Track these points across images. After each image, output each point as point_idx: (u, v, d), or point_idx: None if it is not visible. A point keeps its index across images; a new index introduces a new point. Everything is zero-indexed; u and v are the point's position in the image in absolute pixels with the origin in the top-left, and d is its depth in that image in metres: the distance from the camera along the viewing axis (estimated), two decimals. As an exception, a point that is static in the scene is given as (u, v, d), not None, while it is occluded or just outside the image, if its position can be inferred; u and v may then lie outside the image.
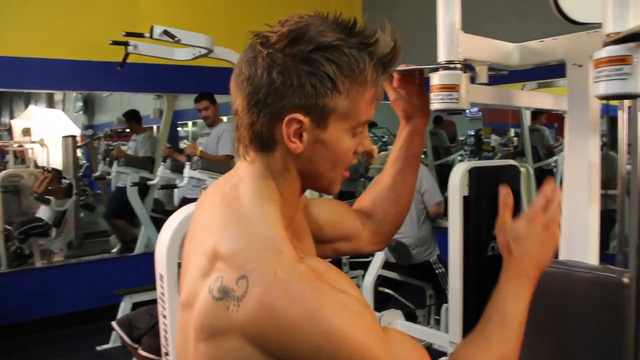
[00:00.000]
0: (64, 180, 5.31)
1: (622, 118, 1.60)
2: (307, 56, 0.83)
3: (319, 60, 0.83)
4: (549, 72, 1.31)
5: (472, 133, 7.13)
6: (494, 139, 6.71)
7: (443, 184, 2.68)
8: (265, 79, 0.84)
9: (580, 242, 1.33)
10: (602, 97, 1.03)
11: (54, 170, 5.36)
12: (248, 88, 0.86)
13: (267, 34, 0.87)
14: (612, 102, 1.58)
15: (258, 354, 0.80)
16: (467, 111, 6.92)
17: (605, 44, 1.00)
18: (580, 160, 1.29)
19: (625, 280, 1.21)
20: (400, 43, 0.89)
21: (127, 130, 5.79)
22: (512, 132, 6.40)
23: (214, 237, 0.86)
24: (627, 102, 1.78)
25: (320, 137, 0.88)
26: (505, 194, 1.11)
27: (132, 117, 5.55)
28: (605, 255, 1.86)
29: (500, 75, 1.40)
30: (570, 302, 1.28)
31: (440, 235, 3.71)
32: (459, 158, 6.39)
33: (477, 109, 6.72)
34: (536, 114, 5.43)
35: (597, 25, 1.09)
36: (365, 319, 0.81)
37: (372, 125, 6.75)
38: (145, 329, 2.73)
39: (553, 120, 5.43)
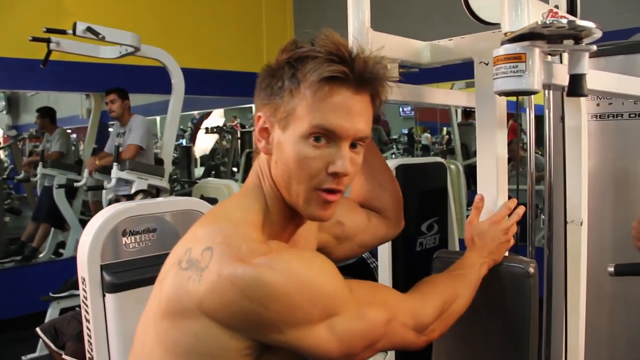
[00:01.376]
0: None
1: (529, 116, 1.67)
2: (278, 64, 0.93)
3: (284, 66, 0.92)
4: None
5: (406, 132, 7.27)
6: (425, 137, 6.87)
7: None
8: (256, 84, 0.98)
9: (490, 234, 1.37)
10: (499, 93, 1.07)
11: None
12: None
13: None
14: (512, 98, 1.65)
15: (216, 328, 0.81)
16: (401, 110, 7.09)
17: (503, 43, 1.04)
18: (488, 155, 1.34)
19: (531, 270, 1.26)
20: (373, 61, 0.93)
21: (38, 130, 5.52)
22: (444, 130, 6.57)
23: (196, 226, 0.93)
24: (538, 100, 1.86)
25: (281, 139, 0.92)
26: (479, 199, 1.30)
27: (47, 114, 5.29)
28: (521, 247, 1.94)
29: (412, 73, 1.43)
30: (480, 291, 1.32)
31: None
32: (392, 157, 6.50)
33: (410, 108, 6.86)
34: (468, 111, 5.59)
35: (502, 25, 1.13)
36: (329, 270, 0.87)
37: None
38: (72, 335, 2.65)
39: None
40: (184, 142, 7.90)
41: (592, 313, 1.68)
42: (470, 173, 5.55)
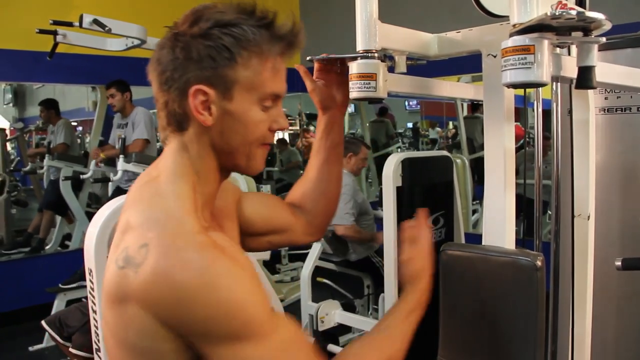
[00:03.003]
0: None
1: (537, 109, 1.66)
2: (206, 32, 0.89)
3: (217, 34, 0.89)
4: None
5: (411, 126, 7.26)
6: (436, 132, 6.86)
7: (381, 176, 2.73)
8: (170, 56, 0.91)
9: (497, 227, 1.37)
10: (508, 85, 1.06)
11: None
12: (157, 68, 0.93)
13: (176, 20, 0.94)
14: (519, 91, 1.64)
15: (154, 323, 0.81)
16: (406, 104, 7.07)
17: (511, 34, 1.03)
18: (496, 148, 1.33)
19: (539, 263, 1.26)
20: (297, 22, 0.95)
21: (42, 122, 5.52)
22: (450, 124, 6.55)
23: (128, 212, 0.91)
24: (546, 94, 1.85)
25: (228, 109, 0.92)
26: (409, 235, 1.22)
27: (52, 106, 5.31)
28: (530, 242, 1.94)
29: (419, 65, 1.42)
30: (487, 285, 1.32)
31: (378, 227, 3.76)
32: (398, 150, 6.49)
33: (416, 102, 6.84)
34: (475, 105, 5.58)
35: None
36: (257, 296, 0.84)
37: (313, 118, 6.81)
38: (77, 327, 2.66)
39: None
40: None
41: (599, 307, 1.67)
42: (476, 167, 5.54)
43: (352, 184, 3.89)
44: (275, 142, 7.39)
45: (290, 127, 7.25)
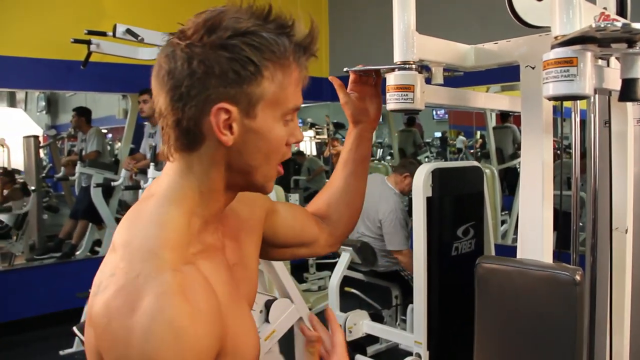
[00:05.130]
0: (18, 180, 5.20)
1: (574, 120, 1.63)
2: (226, 43, 0.80)
3: (239, 45, 0.80)
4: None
5: (439, 135, 7.22)
6: (460, 141, 6.80)
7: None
8: (187, 71, 0.80)
9: (534, 241, 1.35)
10: (550, 98, 1.05)
11: (5, 171, 5.25)
12: (170, 82, 0.82)
13: (182, 28, 0.84)
14: (567, 104, 1.62)
15: (98, 354, 0.78)
16: (434, 113, 7.04)
17: (553, 47, 1.02)
18: (534, 160, 1.32)
19: (578, 277, 1.24)
20: (316, 25, 0.87)
21: (73, 129, 5.62)
22: (478, 134, 6.50)
23: (118, 229, 0.85)
24: (582, 105, 1.82)
25: (251, 127, 0.84)
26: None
27: (83, 114, 5.40)
28: (564, 254, 1.90)
29: (456, 77, 1.41)
30: (525, 299, 1.31)
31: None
32: (426, 160, 6.46)
33: (444, 112, 6.80)
34: (505, 115, 5.52)
35: (549, 29, 1.12)
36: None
37: (340, 127, 6.82)
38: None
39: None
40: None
41: (638, 323, 1.64)
42: (505, 177, 5.47)
43: (403, 206, 3.84)
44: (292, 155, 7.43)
45: (318, 136, 7.26)
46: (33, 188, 5.23)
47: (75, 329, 2.83)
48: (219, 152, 0.85)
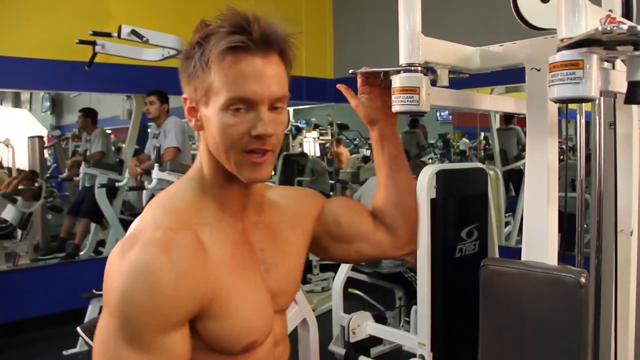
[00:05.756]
0: (36, 183, 5.22)
1: (579, 122, 1.63)
2: (191, 46, 0.98)
3: (196, 46, 0.97)
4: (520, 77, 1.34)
5: (441, 135, 7.21)
6: (463, 143, 6.80)
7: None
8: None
9: (539, 243, 1.35)
10: (556, 100, 1.05)
11: (30, 171, 5.27)
12: None
13: None
14: (571, 106, 1.62)
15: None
16: (438, 115, 7.03)
17: (559, 49, 1.02)
18: (539, 163, 1.31)
19: (583, 280, 1.24)
20: (253, 20, 0.94)
21: (78, 129, 5.65)
22: (481, 135, 6.49)
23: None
24: (586, 106, 1.81)
25: (206, 114, 0.98)
26: None
27: (89, 115, 5.44)
28: (569, 256, 1.90)
29: (462, 78, 1.41)
30: (530, 301, 1.30)
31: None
32: (430, 161, 6.46)
33: (448, 113, 6.80)
34: (509, 116, 5.51)
35: (555, 31, 1.12)
36: (161, 304, 0.87)
37: (344, 128, 6.82)
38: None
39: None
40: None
41: (642, 326, 1.63)
42: (509, 179, 5.47)
43: None
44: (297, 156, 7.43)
45: (322, 137, 7.26)
46: (45, 195, 5.25)
47: (79, 329, 2.83)
48: (202, 138, 1.02)
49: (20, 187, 5.08)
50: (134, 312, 0.86)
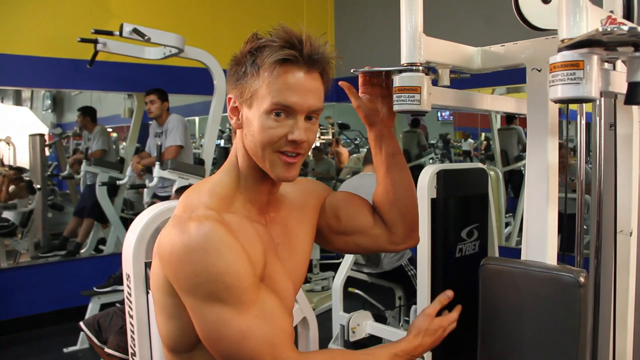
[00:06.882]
0: (24, 177, 5.21)
1: (580, 123, 1.64)
2: (243, 54, 1.09)
3: (248, 55, 1.07)
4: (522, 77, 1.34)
5: (442, 136, 7.21)
6: (468, 143, 6.80)
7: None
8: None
9: (539, 242, 1.35)
10: (556, 101, 1.05)
11: (12, 168, 5.26)
12: None
13: None
14: (572, 106, 1.62)
15: (163, 277, 1.03)
16: (439, 115, 7.03)
17: (560, 50, 1.02)
18: (539, 163, 1.32)
19: (582, 279, 1.24)
20: (308, 39, 1.06)
21: (79, 128, 5.66)
22: (482, 136, 6.49)
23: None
24: (587, 107, 1.82)
25: (247, 116, 1.09)
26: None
27: (88, 113, 5.44)
28: (568, 257, 1.91)
29: (463, 78, 1.42)
30: (529, 300, 1.31)
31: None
32: (430, 161, 6.46)
33: (449, 113, 6.80)
34: (510, 116, 5.52)
35: (556, 32, 1.12)
36: (242, 267, 0.98)
37: (344, 128, 6.81)
38: (114, 330, 2.70)
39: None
40: (221, 143, 7.98)
41: (641, 326, 1.64)
42: (510, 179, 5.47)
43: None
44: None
45: (323, 137, 7.26)
46: (38, 186, 5.25)
47: (82, 324, 2.84)
48: (240, 135, 1.12)
49: (11, 190, 5.06)
50: (228, 278, 0.96)
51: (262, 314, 0.99)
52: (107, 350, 2.61)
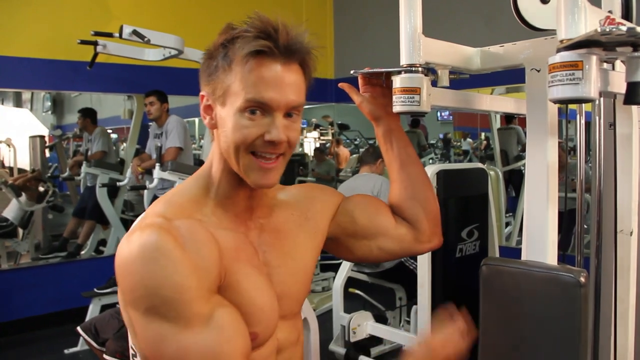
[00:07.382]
0: (42, 187, 5.23)
1: (579, 122, 1.64)
2: (214, 47, 1.00)
3: (220, 48, 0.98)
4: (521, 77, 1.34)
5: (442, 137, 7.21)
6: (467, 143, 6.79)
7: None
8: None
9: (539, 242, 1.36)
10: (555, 101, 1.06)
11: (40, 171, 5.30)
12: None
13: None
14: (571, 106, 1.62)
15: (119, 291, 0.93)
16: (439, 115, 7.03)
17: (559, 50, 1.03)
18: (539, 162, 1.32)
19: (582, 279, 1.24)
20: (281, 28, 0.96)
21: (79, 129, 5.67)
22: (482, 135, 6.49)
23: None
24: (586, 107, 1.82)
25: (221, 114, 0.99)
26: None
27: (89, 115, 5.44)
28: (568, 256, 1.91)
29: (462, 79, 1.42)
30: (529, 300, 1.31)
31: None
32: (430, 161, 6.46)
33: (448, 113, 6.80)
34: (509, 116, 5.51)
35: (555, 32, 1.12)
36: (188, 281, 0.87)
37: (344, 128, 6.80)
38: (112, 334, 2.70)
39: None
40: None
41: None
42: (510, 179, 5.47)
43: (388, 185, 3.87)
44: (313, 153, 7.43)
45: (322, 137, 7.27)
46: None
47: (79, 329, 2.84)
48: (215, 137, 1.03)
49: (27, 184, 5.08)
50: (166, 291, 0.85)
51: (208, 330, 0.87)
52: (105, 356, 2.61)
